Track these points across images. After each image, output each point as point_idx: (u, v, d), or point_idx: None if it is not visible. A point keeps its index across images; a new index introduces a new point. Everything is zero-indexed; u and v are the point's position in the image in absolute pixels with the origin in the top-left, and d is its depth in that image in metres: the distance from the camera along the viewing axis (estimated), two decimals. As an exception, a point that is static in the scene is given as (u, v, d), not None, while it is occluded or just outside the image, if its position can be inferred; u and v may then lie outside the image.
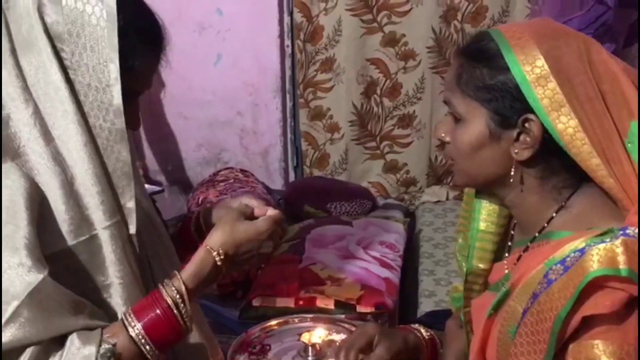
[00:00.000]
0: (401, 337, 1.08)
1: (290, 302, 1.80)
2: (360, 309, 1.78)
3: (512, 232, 1.02)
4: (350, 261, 1.97)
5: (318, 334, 1.65)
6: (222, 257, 0.97)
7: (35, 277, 0.85)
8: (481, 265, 1.03)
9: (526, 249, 0.95)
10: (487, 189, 0.98)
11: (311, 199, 2.52)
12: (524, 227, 0.96)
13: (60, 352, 0.87)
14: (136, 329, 0.91)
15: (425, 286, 2.05)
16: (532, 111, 0.85)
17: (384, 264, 1.97)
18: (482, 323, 0.95)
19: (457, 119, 0.92)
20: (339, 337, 1.69)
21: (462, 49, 0.94)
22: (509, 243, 1.02)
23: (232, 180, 2.55)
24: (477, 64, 0.89)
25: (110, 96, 0.90)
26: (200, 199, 2.43)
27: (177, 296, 0.93)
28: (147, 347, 0.91)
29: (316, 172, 2.82)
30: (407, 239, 2.25)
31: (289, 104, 2.76)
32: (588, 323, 0.80)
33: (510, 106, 0.87)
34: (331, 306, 1.77)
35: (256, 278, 1.95)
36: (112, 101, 0.91)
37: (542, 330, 0.82)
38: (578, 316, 0.80)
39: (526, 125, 0.86)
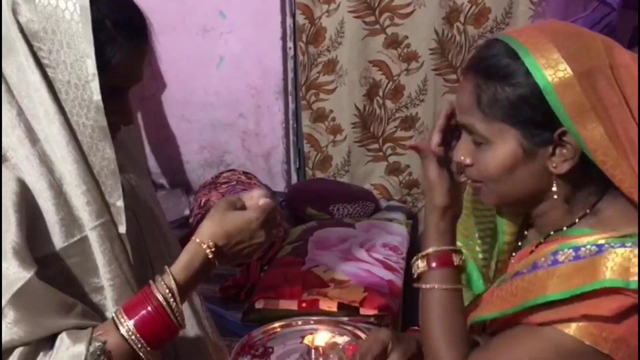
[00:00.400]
0: (414, 340, 1.08)
1: (293, 305, 1.79)
2: (364, 311, 1.77)
3: (526, 232, 1.01)
4: (353, 263, 1.96)
5: (321, 337, 1.65)
6: (212, 249, 0.94)
7: (22, 276, 0.84)
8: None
9: (539, 244, 0.94)
10: (519, 204, 0.96)
11: (313, 201, 2.51)
12: (544, 229, 0.95)
13: (50, 352, 0.86)
14: (127, 326, 0.89)
15: (429, 288, 2.04)
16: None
17: (387, 267, 1.96)
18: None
19: (479, 142, 0.89)
20: (342, 340, 1.69)
21: (473, 65, 0.89)
22: (519, 243, 1.02)
23: (234, 183, 2.54)
24: (496, 82, 0.85)
25: (89, 92, 0.89)
26: (203, 201, 2.43)
27: (168, 292, 0.91)
28: (139, 344, 0.89)
29: (318, 174, 2.80)
30: (410, 241, 2.24)
31: (291, 106, 2.76)
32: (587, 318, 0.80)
33: (543, 121, 0.84)
34: (334, 309, 1.77)
35: (259, 280, 1.95)
36: (92, 97, 0.89)
37: (521, 296, 0.85)
38: (576, 310, 0.80)
39: (563, 138, 0.84)
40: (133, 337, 0.89)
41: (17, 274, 0.84)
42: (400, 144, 2.72)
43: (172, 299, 0.91)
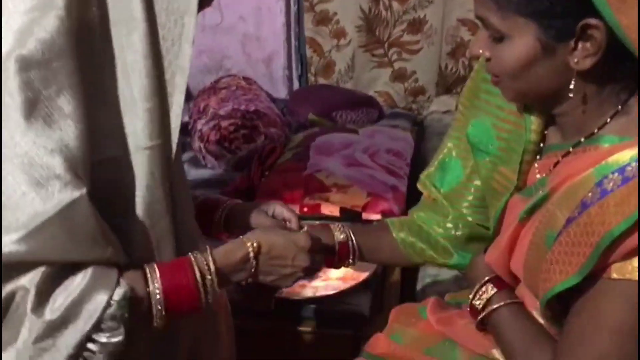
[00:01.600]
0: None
1: (294, 209, 1.76)
2: (366, 216, 1.74)
3: (546, 132, 0.94)
4: (356, 169, 1.92)
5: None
6: (255, 249, 0.91)
7: (71, 194, 0.75)
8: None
9: (566, 154, 0.88)
10: (539, 102, 0.89)
11: (316, 108, 2.44)
12: (568, 132, 0.88)
13: (74, 282, 0.77)
14: (156, 285, 0.83)
15: (433, 195, 2.00)
16: (590, 13, 0.75)
17: (391, 172, 1.92)
18: (513, 226, 0.90)
19: (496, 37, 0.82)
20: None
21: None
22: (541, 144, 0.95)
23: (234, 88, 2.46)
24: None
25: None
26: (202, 107, 2.36)
27: (206, 269, 0.87)
28: (159, 308, 0.83)
29: (321, 81, 2.72)
30: (415, 148, 2.18)
31: (293, 8, 2.63)
32: None
33: (563, 12, 0.76)
34: (336, 213, 1.73)
35: (260, 186, 1.91)
36: None
37: (585, 243, 0.76)
38: (634, 240, 0.73)
39: (587, 31, 0.76)
40: (158, 296, 0.83)
41: (67, 191, 0.75)
42: (407, 48, 2.62)
43: (208, 277, 0.87)
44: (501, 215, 0.98)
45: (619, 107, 0.82)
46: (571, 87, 0.81)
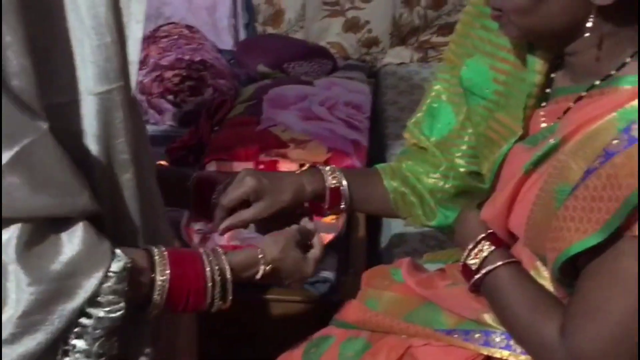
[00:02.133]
0: (291, 191, 0.97)
1: (249, 167, 1.62)
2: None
3: (553, 75, 0.84)
4: (314, 123, 1.80)
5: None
6: (265, 271, 0.89)
7: (34, 126, 0.63)
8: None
9: (579, 99, 0.78)
10: (546, 40, 0.79)
11: (265, 59, 2.28)
12: (579, 74, 0.79)
13: (59, 246, 0.67)
14: (163, 274, 0.76)
15: (393, 150, 1.91)
16: None
17: (351, 126, 1.81)
18: (515, 178, 0.80)
19: None
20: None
21: None
22: (547, 90, 0.85)
23: (176, 37, 2.27)
24: None
25: None
26: (141, 57, 2.16)
27: (217, 270, 0.81)
28: (159, 297, 0.76)
29: (269, 30, 2.56)
30: (373, 100, 2.08)
31: (238, -50, 2.45)
32: None
33: None
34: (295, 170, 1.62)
35: (209, 141, 1.77)
36: None
37: (610, 197, 0.66)
38: None
39: None
40: (160, 282, 0.76)
41: (27, 122, 0.62)
42: (360, -4, 2.49)
43: (218, 277, 0.81)
44: (500, 167, 0.89)
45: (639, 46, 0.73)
46: (589, 24, 0.72)
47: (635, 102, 0.69)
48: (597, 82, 0.76)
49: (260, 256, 0.89)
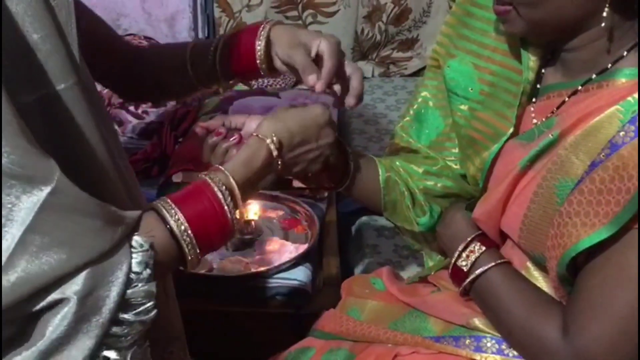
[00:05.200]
0: None
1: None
2: (296, 183, 1.59)
3: (543, 71, 0.83)
4: (281, 133, 1.76)
5: (253, 210, 1.47)
6: (276, 146, 0.80)
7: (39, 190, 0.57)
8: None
9: (574, 93, 0.77)
10: (551, 34, 0.78)
11: (227, 72, 2.24)
12: (573, 69, 0.78)
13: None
14: (177, 218, 0.69)
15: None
16: None
17: (319, 137, 1.78)
18: (511, 176, 0.78)
19: None
20: (275, 214, 1.52)
21: None
22: (537, 86, 0.84)
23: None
24: None
25: None
26: (99, 68, 2.10)
27: (225, 189, 0.73)
28: (188, 240, 0.69)
29: (231, 44, 2.52)
30: (339, 110, 2.06)
31: (199, -38, 2.41)
32: None
33: None
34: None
35: (173, 153, 1.71)
36: None
37: (619, 190, 0.65)
38: None
39: None
40: (183, 227, 0.69)
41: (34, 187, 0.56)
42: (322, 10, 2.48)
43: (229, 198, 0.73)
44: (491, 167, 0.87)
45: (637, 39, 0.73)
46: (604, 14, 0.71)
47: (637, 94, 0.69)
48: (594, 76, 0.76)
49: (258, 136, 0.81)
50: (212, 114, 1.88)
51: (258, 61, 0.96)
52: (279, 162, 0.81)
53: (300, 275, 1.30)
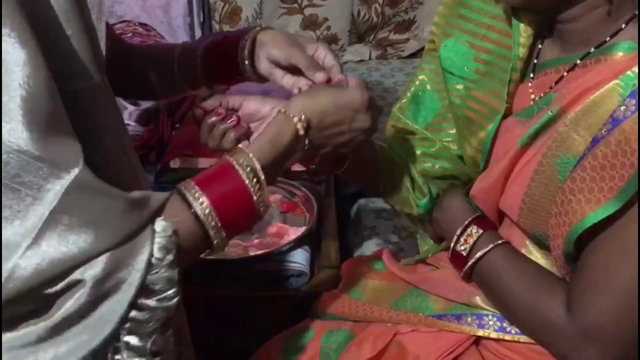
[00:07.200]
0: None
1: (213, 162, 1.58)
2: (295, 167, 1.59)
3: (540, 46, 0.83)
4: (278, 117, 1.76)
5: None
6: (304, 124, 0.75)
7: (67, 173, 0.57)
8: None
9: (572, 68, 0.76)
10: (550, 5, 0.76)
11: (224, 57, 2.23)
12: (571, 43, 0.77)
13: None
14: (202, 201, 0.67)
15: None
16: None
17: (316, 120, 1.78)
18: (511, 153, 0.78)
19: None
20: (273, 198, 1.52)
21: None
22: (534, 61, 0.83)
23: (130, 34, 2.20)
24: None
25: None
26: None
27: (249, 170, 0.70)
28: (213, 223, 0.67)
29: (226, 28, 2.49)
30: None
31: (193, -54, 2.39)
32: None
33: None
34: (261, 166, 1.57)
35: (171, 139, 1.71)
36: None
37: (622, 164, 0.65)
38: None
39: None
40: (207, 211, 0.67)
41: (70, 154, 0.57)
42: (318, -7, 2.46)
43: (254, 179, 0.70)
44: (491, 146, 0.87)
45: (635, 11, 0.72)
46: None
47: (637, 67, 0.68)
48: (592, 50, 0.75)
49: (285, 112, 0.76)
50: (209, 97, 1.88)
51: (243, 63, 0.95)
52: (306, 143, 0.77)
53: (299, 258, 1.30)
